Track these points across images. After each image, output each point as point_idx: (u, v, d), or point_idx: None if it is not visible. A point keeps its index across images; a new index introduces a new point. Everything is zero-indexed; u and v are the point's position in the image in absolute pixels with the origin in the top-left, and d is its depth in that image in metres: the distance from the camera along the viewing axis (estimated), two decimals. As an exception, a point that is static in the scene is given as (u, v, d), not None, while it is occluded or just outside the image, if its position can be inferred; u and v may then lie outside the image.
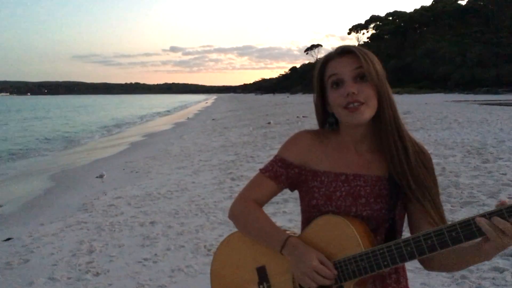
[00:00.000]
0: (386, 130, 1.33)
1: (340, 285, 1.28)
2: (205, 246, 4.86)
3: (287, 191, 1.52)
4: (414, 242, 1.17)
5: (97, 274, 4.33)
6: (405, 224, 1.41)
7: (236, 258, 1.48)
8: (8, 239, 5.75)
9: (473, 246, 1.15)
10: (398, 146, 1.32)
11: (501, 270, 3.68)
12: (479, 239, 1.12)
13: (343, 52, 1.35)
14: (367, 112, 1.31)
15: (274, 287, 1.39)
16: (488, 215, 1.09)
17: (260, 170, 1.49)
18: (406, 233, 1.31)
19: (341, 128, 1.43)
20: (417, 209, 1.33)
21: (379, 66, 1.34)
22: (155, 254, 4.75)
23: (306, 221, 1.43)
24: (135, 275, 4.24)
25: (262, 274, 1.42)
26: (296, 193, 1.51)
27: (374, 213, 1.33)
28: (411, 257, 1.19)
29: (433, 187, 1.33)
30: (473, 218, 1.11)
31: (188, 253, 4.73)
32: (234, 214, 1.49)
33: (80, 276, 4.30)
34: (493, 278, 3.57)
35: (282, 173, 1.44)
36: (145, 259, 4.63)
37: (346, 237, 1.27)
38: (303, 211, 1.46)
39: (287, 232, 1.39)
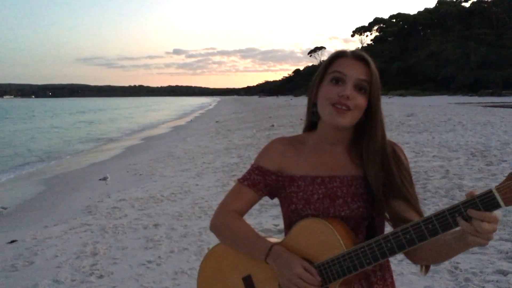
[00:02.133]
0: (374, 145, 1.36)
1: (326, 287, 1.30)
2: (208, 249, 4.85)
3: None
4: (393, 238, 1.20)
5: (101, 276, 4.34)
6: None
7: (221, 270, 1.48)
8: (13, 241, 5.77)
9: (456, 237, 1.17)
10: (379, 160, 1.36)
11: (505, 273, 3.67)
12: (458, 228, 1.14)
13: (359, 56, 1.36)
14: (349, 120, 1.33)
15: None
16: (463, 206, 1.11)
17: (238, 179, 1.51)
18: (388, 229, 1.33)
19: (320, 126, 1.44)
20: (395, 205, 1.35)
21: (379, 85, 1.37)
22: (159, 257, 4.76)
23: (288, 226, 1.46)
24: (139, 278, 4.25)
25: (248, 283, 1.42)
26: None
27: (352, 212, 1.36)
28: (392, 253, 1.21)
29: (409, 188, 1.36)
30: (448, 209, 1.14)
31: (191, 255, 4.74)
32: (216, 226, 1.50)
33: (84, 278, 4.32)
34: (497, 281, 3.56)
35: (260, 180, 1.46)
36: (149, 262, 4.65)
37: (327, 239, 1.29)
38: (284, 217, 1.49)
39: (270, 240, 1.41)
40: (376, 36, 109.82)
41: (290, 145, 1.48)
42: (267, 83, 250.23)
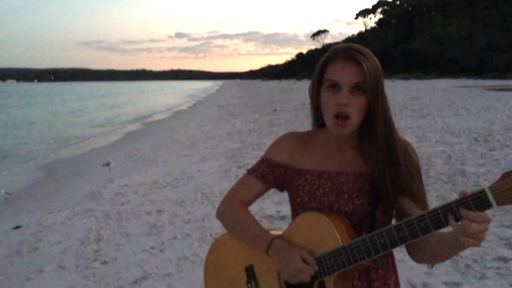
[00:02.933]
0: (376, 142, 1.35)
1: (321, 280, 1.33)
2: (211, 235, 4.91)
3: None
4: (386, 234, 1.22)
5: (105, 262, 4.40)
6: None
7: (226, 258, 1.54)
8: (17, 227, 5.83)
9: (451, 237, 1.17)
10: (386, 158, 1.34)
11: (506, 260, 3.69)
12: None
13: (350, 58, 1.31)
14: (352, 126, 1.33)
15: (261, 285, 1.45)
16: (455, 204, 1.11)
17: (248, 170, 1.54)
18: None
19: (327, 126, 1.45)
20: (403, 203, 1.35)
21: (379, 73, 1.32)
22: (162, 243, 4.80)
23: None
24: (142, 264, 4.30)
25: (250, 273, 1.48)
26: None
27: (356, 208, 1.37)
28: (384, 249, 1.23)
29: (419, 187, 1.35)
30: (440, 207, 1.14)
31: (194, 241, 4.79)
32: (222, 214, 1.55)
33: (88, 264, 4.37)
34: (497, 268, 3.59)
35: (268, 172, 1.49)
36: (152, 248, 4.69)
37: (325, 232, 1.31)
38: (292, 210, 1.52)
39: (272, 232, 1.45)
40: (380, 19, 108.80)
41: (300, 140, 1.49)
42: (269, 67, 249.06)
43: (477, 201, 1.09)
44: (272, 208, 5.61)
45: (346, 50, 1.32)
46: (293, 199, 1.48)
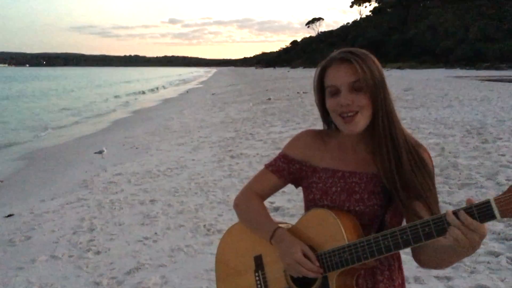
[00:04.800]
0: (379, 138, 1.36)
1: (324, 275, 1.36)
2: (204, 226, 4.91)
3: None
4: (391, 236, 1.24)
5: (98, 252, 4.39)
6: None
7: (237, 247, 1.60)
8: (10, 215, 5.81)
9: (448, 246, 1.19)
10: (390, 155, 1.35)
11: (496, 254, 3.74)
12: None
13: (342, 60, 1.35)
14: (361, 122, 1.35)
15: (268, 274, 1.49)
16: (458, 212, 1.13)
17: (265, 165, 1.61)
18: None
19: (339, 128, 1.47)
20: (413, 205, 1.35)
21: (377, 72, 1.34)
22: (155, 233, 4.81)
23: None
24: (136, 254, 4.30)
25: (258, 262, 1.52)
26: None
27: (367, 208, 1.39)
28: (388, 251, 1.25)
29: (427, 190, 1.35)
30: (444, 214, 1.15)
31: (187, 232, 4.79)
32: (237, 205, 1.62)
33: (81, 254, 4.37)
34: (488, 262, 3.63)
35: (284, 168, 1.54)
36: (145, 238, 4.69)
37: (332, 230, 1.35)
38: (305, 205, 1.56)
39: (279, 223, 1.50)
40: (375, 7, 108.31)
41: (317, 138, 1.52)
42: (264, 54, 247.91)
43: (481, 211, 1.11)
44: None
45: (340, 53, 1.38)
46: (306, 195, 1.52)
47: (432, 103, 15.27)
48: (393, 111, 1.37)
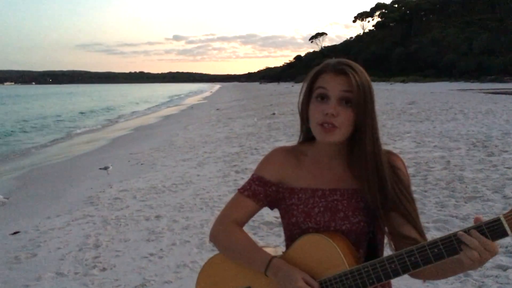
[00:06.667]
0: (366, 164, 1.34)
1: None
2: (209, 242, 4.89)
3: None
4: (397, 260, 1.20)
5: (104, 269, 4.38)
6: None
7: (221, 279, 1.47)
8: (16, 232, 5.81)
9: (455, 261, 1.17)
10: (375, 175, 1.33)
11: (505, 268, 3.70)
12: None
13: (340, 70, 1.33)
14: (338, 136, 1.33)
15: None
16: (468, 231, 1.12)
17: (239, 189, 1.50)
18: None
19: (317, 141, 1.43)
20: (392, 218, 1.34)
21: (369, 93, 1.33)
22: (161, 249, 4.79)
23: (289, 239, 1.46)
24: (141, 271, 4.29)
25: None
26: None
27: (353, 226, 1.35)
28: (396, 275, 1.21)
29: (406, 202, 1.34)
30: (454, 234, 1.14)
31: (193, 248, 4.78)
32: (215, 236, 1.49)
33: (87, 271, 4.36)
34: (496, 276, 3.59)
35: (260, 191, 1.46)
36: (151, 254, 4.68)
37: (330, 255, 1.29)
38: (285, 229, 1.49)
39: (269, 250, 1.41)
40: (378, 22, 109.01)
41: (290, 155, 1.47)
42: (268, 69, 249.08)
43: (492, 229, 1.09)
44: (271, 214, 5.59)
45: (337, 64, 1.34)
46: (286, 218, 1.44)
47: (437, 116, 15.25)
48: (378, 129, 1.36)
